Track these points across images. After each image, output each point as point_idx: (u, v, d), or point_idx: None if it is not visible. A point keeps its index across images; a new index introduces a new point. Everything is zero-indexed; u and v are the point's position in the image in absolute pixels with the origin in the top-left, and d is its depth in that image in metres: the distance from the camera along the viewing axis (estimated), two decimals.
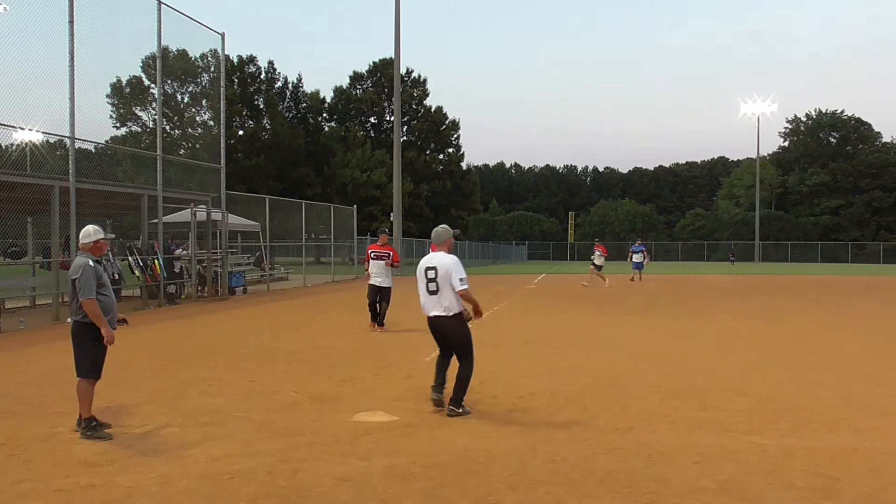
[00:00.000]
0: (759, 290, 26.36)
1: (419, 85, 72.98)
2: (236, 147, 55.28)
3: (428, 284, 6.57)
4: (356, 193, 58.41)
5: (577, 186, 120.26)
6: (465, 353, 6.62)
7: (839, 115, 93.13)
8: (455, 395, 6.51)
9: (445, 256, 6.62)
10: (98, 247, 6.03)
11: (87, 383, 5.81)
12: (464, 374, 6.55)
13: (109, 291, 6.01)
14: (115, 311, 6.10)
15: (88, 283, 5.72)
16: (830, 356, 10.25)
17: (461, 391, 6.53)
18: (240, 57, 62.44)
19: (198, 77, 27.44)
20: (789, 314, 16.77)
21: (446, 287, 6.48)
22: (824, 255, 78.98)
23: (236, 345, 11.21)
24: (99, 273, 5.86)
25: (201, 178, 21.32)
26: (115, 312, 6.06)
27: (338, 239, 30.83)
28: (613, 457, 5.25)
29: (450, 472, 4.88)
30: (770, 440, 5.71)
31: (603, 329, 13.44)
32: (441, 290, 6.51)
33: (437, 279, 6.51)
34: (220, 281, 21.03)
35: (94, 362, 5.83)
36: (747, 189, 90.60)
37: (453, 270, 6.46)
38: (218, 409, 6.76)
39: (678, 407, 6.88)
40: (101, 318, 5.72)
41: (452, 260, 6.57)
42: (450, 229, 6.86)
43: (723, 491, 4.53)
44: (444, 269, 6.49)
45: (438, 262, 6.56)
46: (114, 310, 6.04)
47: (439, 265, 6.54)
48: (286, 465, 5.02)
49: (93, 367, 5.82)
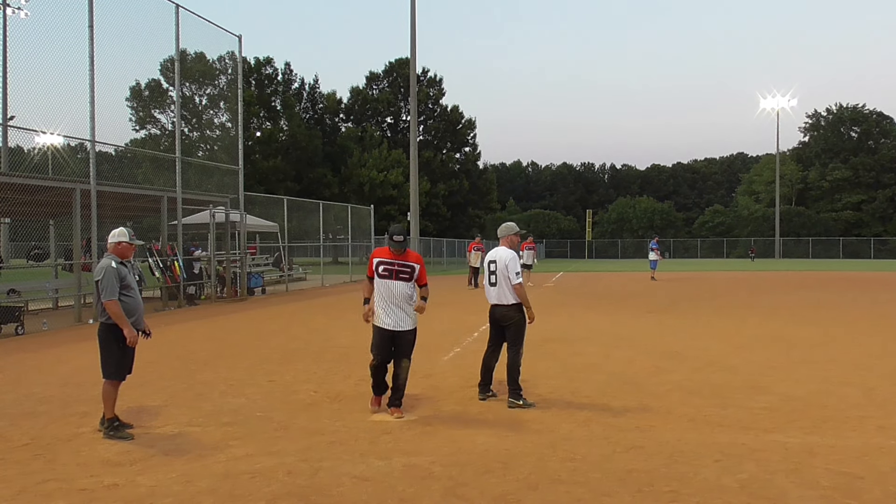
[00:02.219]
0: (780, 287, 26.10)
1: (435, 84, 72.94)
2: (254, 148, 55.56)
3: (489, 277, 7.10)
4: (373, 193, 58.50)
5: (594, 184, 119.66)
6: (516, 339, 7.00)
7: (860, 110, 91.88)
8: (511, 388, 6.90)
9: (505, 251, 7.12)
10: (121, 249, 6.05)
11: (110, 385, 5.87)
12: (513, 361, 6.93)
13: (135, 294, 6.04)
14: (141, 312, 6.13)
15: (110, 284, 5.77)
16: (853, 353, 10.12)
17: (514, 381, 6.90)
18: (257, 59, 62.74)
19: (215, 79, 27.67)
20: (811, 311, 16.59)
21: (503, 279, 6.97)
22: (846, 250, 77.99)
23: (256, 345, 11.27)
24: (123, 274, 5.90)
25: (219, 179, 21.47)
26: (140, 314, 6.09)
27: (355, 239, 30.91)
28: (633, 455, 5.22)
29: (469, 472, 4.88)
30: (792, 438, 5.66)
31: (622, 327, 13.36)
32: (499, 282, 7.00)
33: (497, 272, 7.03)
34: (240, 282, 21.16)
35: (119, 364, 5.88)
36: (767, 185, 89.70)
37: (509, 264, 6.99)
38: (238, 409, 6.80)
39: (698, 405, 6.84)
40: (124, 318, 5.77)
41: (510, 254, 7.07)
42: (514, 226, 7.37)
43: (744, 490, 4.49)
44: (502, 262, 7.03)
45: (498, 256, 7.10)
46: (139, 311, 6.07)
47: (498, 259, 7.06)
48: (306, 464, 5.05)
49: (117, 368, 5.88)
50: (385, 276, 6.48)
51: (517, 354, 6.95)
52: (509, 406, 6.78)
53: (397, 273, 6.49)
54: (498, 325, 7.08)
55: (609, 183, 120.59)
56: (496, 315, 7.05)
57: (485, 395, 7.15)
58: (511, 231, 7.27)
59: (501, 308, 6.98)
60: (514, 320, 6.95)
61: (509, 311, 6.95)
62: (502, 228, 7.37)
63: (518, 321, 6.97)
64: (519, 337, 7.00)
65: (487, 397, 7.12)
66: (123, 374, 5.94)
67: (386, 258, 6.52)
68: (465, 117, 73.95)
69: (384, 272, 6.50)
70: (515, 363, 6.91)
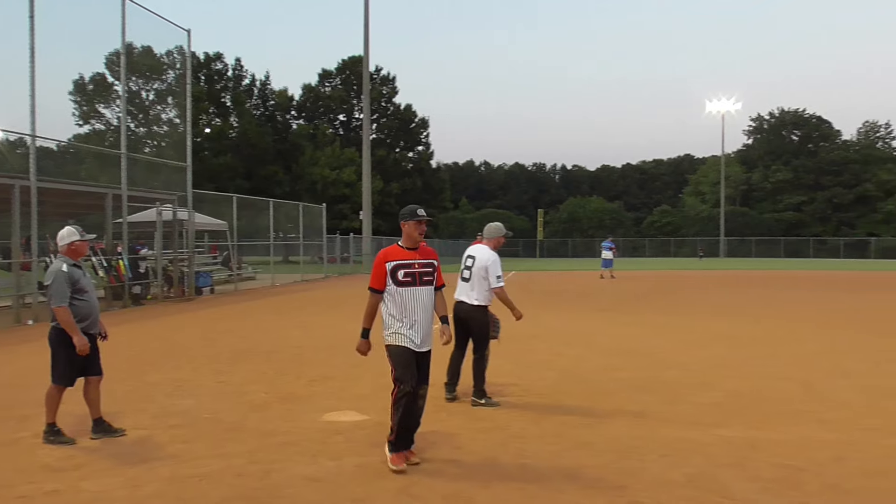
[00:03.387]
0: (726, 286, 26.76)
1: (388, 83, 72.78)
2: (203, 145, 54.62)
3: (463, 271, 6.91)
4: (326, 192, 58.07)
5: (546, 184, 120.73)
6: (481, 341, 6.89)
7: (801, 114, 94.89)
8: (476, 387, 6.83)
9: (488, 251, 6.91)
10: (74, 249, 5.84)
11: (56, 389, 5.70)
12: (479, 364, 6.84)
13: (89, 297, 5.83)
14: (97, 315, 5.93)
15: (60, 290, 5.57)
16: (795, 349, 10.43)
17: (480, 382, 6.84)
18: (206, 54, 61.74)
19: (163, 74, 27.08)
20: (755, 308, 17.03)
21: (477, 279, 6.80)
22: (787, 250, 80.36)
23: (204, 345, 11.08)
24: (76, 278, 5.70)
25: (167, 176, 21.03)
26: (95, 317, 5.90)
27: (307, 238, 30.60)
28: (584, 452, 5.29)
29: (421, 470, 4.88)
30: (736, 433, 5.81)
31: (573, 325, 13.53)
32: (472, 280, 6.84)
33: (473, 268, 6.85)
34: (187, 281, 20.77)
35: (66, 369, 5.69)
36: (713, 186, 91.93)
37: (490, 267, 6.77)
38: (186, 410, 6.68)
39: (647, 402, 6.96)
40: (73, 326, 5.57)
41: (492, 257, 6.86)
42: (502, 228, 7.12)
43: (691, 483, 4.60)
44: (482, 262, 6.82)
45: (478, 255, 6.89)
46: (94, 315, 5.87)
47: (478, 257, 6.89)
48: (256, 466, 4.98)
49: (63, 374, 5.69)
50: (407, 282, 5.04)
51: (482, 357, 6.86)
52: (472, 405, 6.75)
53: (421, 276, 5.09)
54: (462, 325, 6.88)
55: (560, 183, 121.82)
56: (460, 313, 6.86)
57: (451, 395, 7.01)
58: (500, 233, 7.03)
59: (465, 306, 6.83)
60: (478, 321, 6.83)
61: (473, 312, 6.82)
62: (491, 229, 7.07)
63: (482, 323, 6.85)
64: (484, 339, 6.89)
65: (454, 398, 6.99)
66: (73, 379, 5.75)
67: (404, 259, 5.08)
68: (419, 116, 74.02)
69: (406, 278, 5.04)
70: (481, 366, 6.84)
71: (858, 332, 12.50)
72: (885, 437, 5.67)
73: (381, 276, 5.07)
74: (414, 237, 5.09)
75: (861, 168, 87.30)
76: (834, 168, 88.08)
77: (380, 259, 5.11)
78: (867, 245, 78.53)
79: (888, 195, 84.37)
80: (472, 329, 6.86)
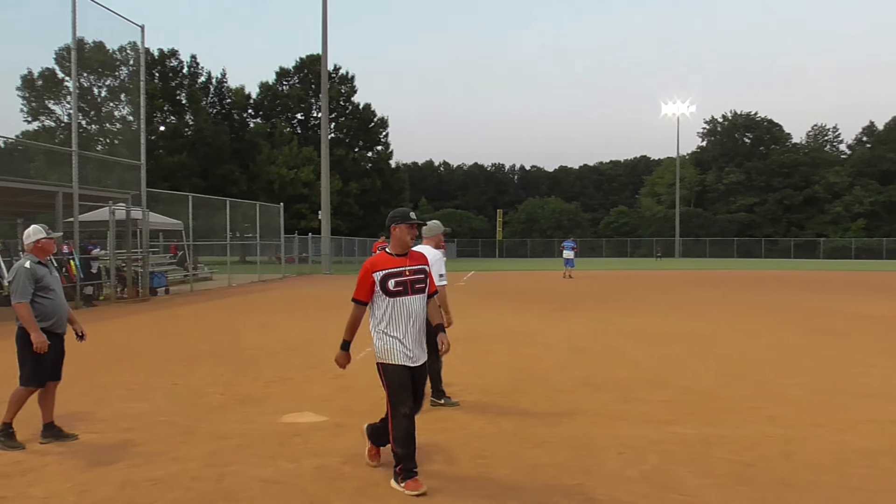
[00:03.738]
0: (681, 285, 27.24)
1: (347, 82, 72.43)
2: (158, 143, 53.73)
3: None
4: (283, 191, 57.56)
5: (505, 184, 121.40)
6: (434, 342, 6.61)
7: (753, 117, 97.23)
8: (434, 387, 6.72)
9: (431, 250, 6.60)
10: (41, 247, 5.71)
11: (24, 392, 5.53)
12: (434, 365, 6.54)
13: (55, 295, 5.68)
14: (64, 314, 5.77)
15: (21, 286, 5.44)
16: (746, 348, 10.67)
17: (437, 382, 6.77)
18: (161, 50, 60.75)
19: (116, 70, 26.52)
20: (709, 308, 17.37)
21: None
22: (740, 250, 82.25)
23: (158, 347, 10.89)
24: (40, 275, 5.56)
25: (120, 175, 20.62)
26: (61, 317, 5.74)
27: (264, 238, 30.30)
28: (542, 451, 5.34)
29: (380, 471, 4.87)
30: (690, 430, 5.92)
31: (531, 325, 13.63)
32: None
33: None
34: (141, 281, 20.38)
35: (35, 371, 5.53)
36: (668, 187, 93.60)
37: (434, 264, 6.39)
38: (139, 413, 6.55)
39: (604, 400, 7.05)
40: (33, 323, 5.42)
41: (436, 254, 6.58)
42: (441, 226, 6.85)
43: (646, 480, 4.67)
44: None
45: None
46: (60, 314, 5.71)
47: None
48: (212, 469, 4.91)
49: (32, 376, 5.53)
50: (398, 292, 4.64)
51: (437, 358, 6.58)
52: (431, 405, 6.69)
53: (413, 284, 4.70)
54: None
55: (519, 183, 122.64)
56: None
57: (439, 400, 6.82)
58: (439, 230, 6.82)
59: None
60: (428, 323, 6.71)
61: None
62: (430, 228, 6.82)
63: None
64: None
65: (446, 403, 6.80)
66: (42, 380, 5.58)
67: (393, 267, 4.67)
68: (378, 115, 73.83)
69: (397, 288, 4.64)
70: (436, 366, 6.66)
71: (808, 330, 12.83)
72: (832, 433, 5.83)
73: (368, 287, 4.63)
74: (406, 242, 4.72)
75: (810, 170, 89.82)
76: (784, 170, 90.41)
77: (367, 269, 4.66)
78: (816, 246, 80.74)
79: (836, 197, 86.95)
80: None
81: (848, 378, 8.22)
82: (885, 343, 11.14)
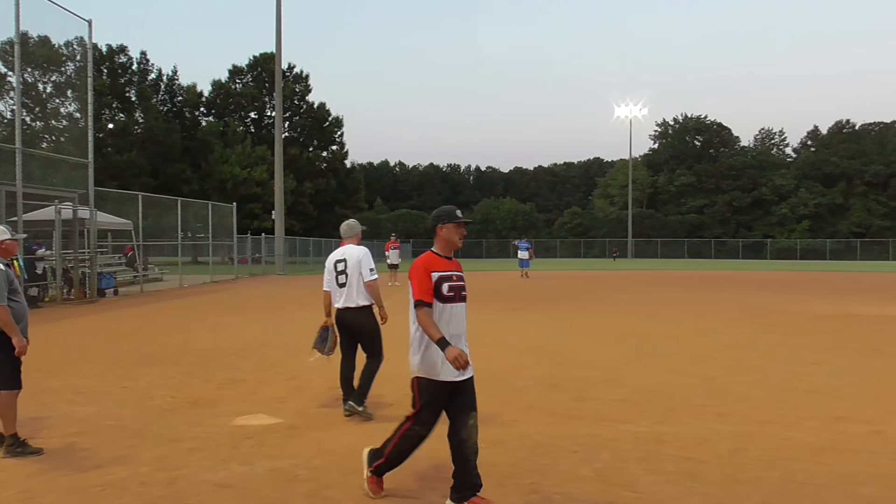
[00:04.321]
0: (633, 285, 27.69)
1: (301, 80, 71.80)
2: (106, 141, 52.57)
3: (338, 277, 6.47)
4: (236, 191, 56.79)
5: (460, 185, 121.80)
6: (374, 347, 6.50)
7: (703, 120, 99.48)
8: (358, 391, 6.39)
9: (357, 248, 6.57)
10: (5, 249, 5.51)
11: (9, 396, 5.33)
12: (371, 369, 6.42)
13: (21, 298, 5.51)
14: (27, 318, 5.59)
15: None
16: (696, 346, 10.89)
17: (366, 387, 6.40)
18: (109, 46, 59.43)
19: (62, 66, 25.78)
20: (661, 307, 17.69)
21: (355, 276, 6.39)
22: (690, 251, 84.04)
23: (107, 350, 10.63)
24: (11, 278, 5.36)
25: (67, 173, 20.05)
26: (27, 321, 5.56)
27: (216, 238, 29.81)
28: (497, 450, 5.37)
29: (334, 473, 4.84)
30: (643, 428, 6.02)
31: (485, 325, 13.68)
32: (350, 281, 6.40)
33: (347, 269, 6.43)
34: (89, 282, 19.89)
35: (14, 372, 5.35)
36: (621, 189, 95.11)
37: (363, 260, 6.43)
38: (87, 417, 6.39)
39: (558, 399, 7.13)
40: (13, 326, 5.22)
41: (362, 250, 6.53)
42: (358, 223, 6.84)
43: (599, 478, 4.74)
44: (354, 259, 6.44)
45: (348, 255, 6.50)
46: (26, 318, 5.54)
47: (349, 257, 6.48)
48: (162, 473, 4.82)
49: (12, 378, 5.34)
50: (451, 298, 4.21)
51: (376, 364, 6.45)
52: (347, 409, 6.39)
53: (460, 291, 4.32)
54: (349, 332, 6.50)
55: (474, 184, 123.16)
56: (346, 321, 6.44)
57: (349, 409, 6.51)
58: (358, 227, 6.78)
59: (351, 312, 6.38)
60: (368, 327, 6.43)
61: (360, 316, 6.38)
62: (350, 226, 6.76)
63: (372, 327, 6.45)
64: (377, 345, 6.48)
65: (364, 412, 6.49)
66: (20, 381, 5.40)
67: (445, 270, 4.25)
68: (332, 115, 73.37)
69: (450, 293, 4.21)
70: (373, 372, 6.41)
71: (756, 329, 13.15)
72: (780, 429, 5.99)
73: (430, 286, 4.12)
74: (454, 243, 4.29)
75: (757, 173, 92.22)
76: (733, 173, 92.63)
77: (423, 268, 4.16)
78: (763, 246, 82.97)
79: (782, 199, 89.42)
80: (363, 333, 6.46)
81: (794, 376, 8.45)
82: (830, 341, 11.50)
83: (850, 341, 11.50)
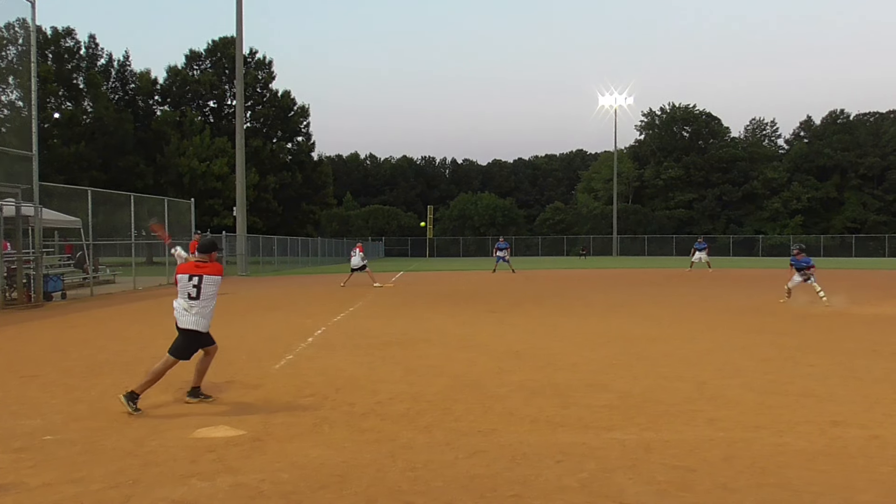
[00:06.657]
0: (618, 284, 27.88)
1: (264, 67, 71.41)
2: (52, 132, 51.87)
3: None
4: (194, 185, 56.38)
5: (435, 179, 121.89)
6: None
7: (691, 110, 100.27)
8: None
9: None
10: None
11: None
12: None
13: None
14: None
15: None
16: (686, 349, 10.99)
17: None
18: (55, 29, 58.59)
19: (2, 50, 25.36)
20: (647, 307, 17.83)
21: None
22: (679, 247, 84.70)
23: (55, 358, 10.48)
24: None
25: (8, 166, 19.72)
26: None
27: (174, 236, 29.51)
28: (476, 460, 5.37)
29: (302, 488, 4.81)
30: (630, 435, 6.05)
31: (464, 328, 13.70)
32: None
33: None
34: (34, 285, 19.60)
35: None
36: (605, 182, 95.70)
37: None
38: (33, 431, 6.29)
39: (540, 405, 7.15)
40: None
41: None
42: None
43: (585, 489, 4.75)
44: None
45: None
46: None
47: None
48: (115, 490, 4.75)
49: None
50: None
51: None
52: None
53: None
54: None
55: (450, 178, 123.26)
56: None
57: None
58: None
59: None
60: None
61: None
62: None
63: None
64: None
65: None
66: None
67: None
68: (298, 104, 73.06)
69: None
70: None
71: (748, 330, 13.30)
72: (772, 434, 6.06)
73: None
74: None
75: (748, 166, 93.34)
76: (723, 165, 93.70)
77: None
78: (755, 243, 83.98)
79: (774, 193, 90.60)
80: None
81: (787, 378, 8.55)
82: (824, 342, 11.66)
83: (846, 342, 11.67)
